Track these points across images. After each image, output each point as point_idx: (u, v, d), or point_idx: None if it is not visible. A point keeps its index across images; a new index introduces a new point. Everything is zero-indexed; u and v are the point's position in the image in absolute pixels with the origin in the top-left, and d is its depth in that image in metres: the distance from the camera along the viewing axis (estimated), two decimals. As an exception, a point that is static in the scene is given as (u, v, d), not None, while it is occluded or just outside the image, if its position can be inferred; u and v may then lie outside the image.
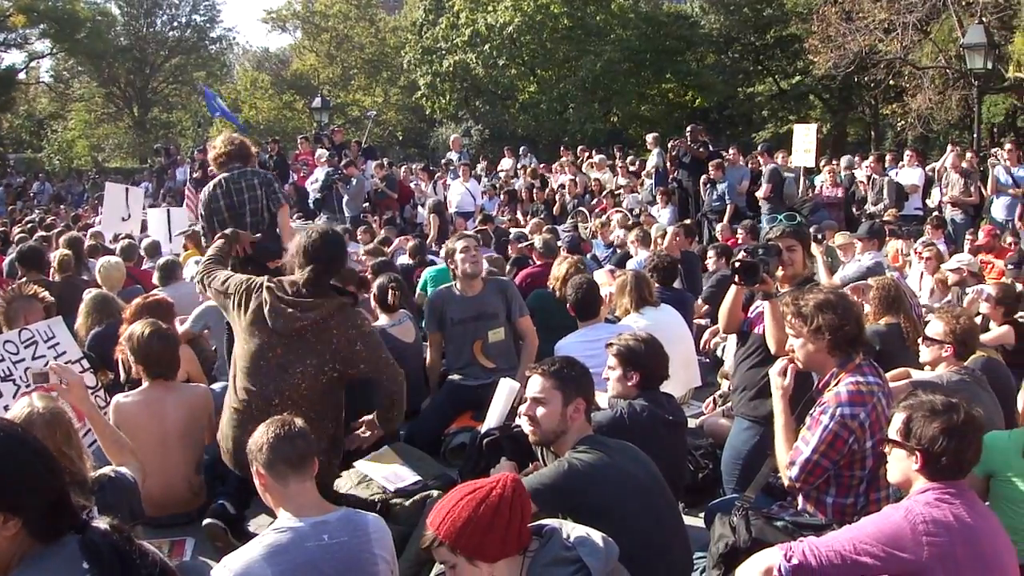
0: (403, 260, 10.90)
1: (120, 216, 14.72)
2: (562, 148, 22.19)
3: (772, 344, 4.76)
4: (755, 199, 14.63)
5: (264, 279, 4.76)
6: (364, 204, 17.40)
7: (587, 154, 20.47)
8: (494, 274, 7.86)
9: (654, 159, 17.29)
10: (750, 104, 34.05)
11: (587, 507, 3.45)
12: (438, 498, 3.18)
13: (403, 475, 4.96)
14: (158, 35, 48.99)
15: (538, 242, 9.88)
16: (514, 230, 13.50)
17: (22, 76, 46.40)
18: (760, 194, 14.36)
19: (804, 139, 15.58)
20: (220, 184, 6.81)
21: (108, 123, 49.36)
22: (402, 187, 18.49)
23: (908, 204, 14.03)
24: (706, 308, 8.89)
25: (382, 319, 7.04)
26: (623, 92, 32.64)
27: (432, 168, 20.98)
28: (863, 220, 12.27)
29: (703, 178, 15.25)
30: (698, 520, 4.81)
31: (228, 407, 4.79)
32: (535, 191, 18.19)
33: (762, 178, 14.49)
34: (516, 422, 4.45)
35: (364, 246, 11.50)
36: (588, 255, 11.58)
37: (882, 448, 3.39)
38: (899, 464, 3.19)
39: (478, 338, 6.67)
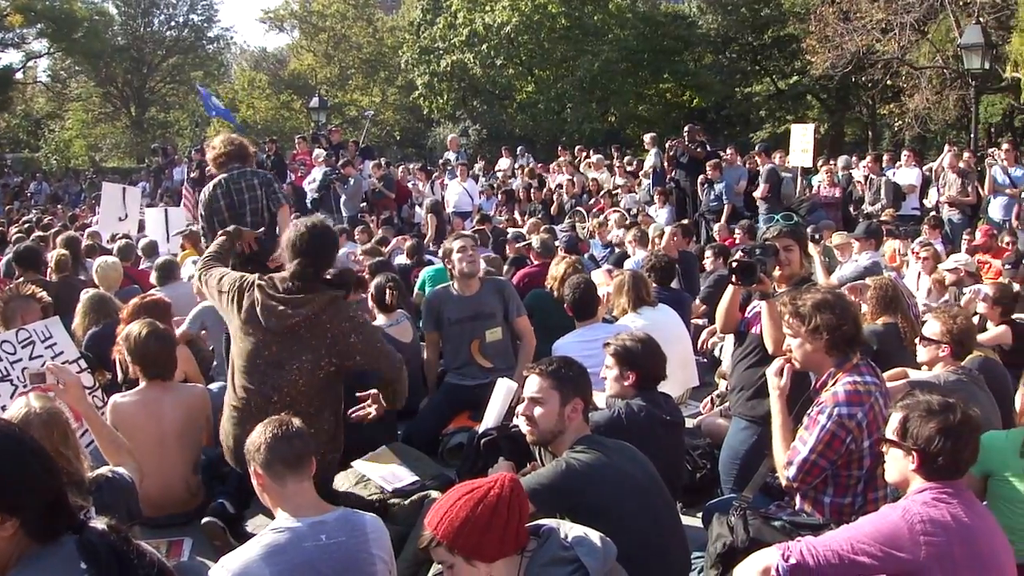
0: (400, 260, 10.89)
1: (117, 216, 14.74)
2: (560, 148, 22.19)
3: (769, 344, 4.75)
4: (753, 199, 14.65)
5: (255, 277, 4.75)
6: (361, 204, 17.40)
7: (585, 154, 20.46)
8: (491, 274, 7.86)
9: (652, 159, 17.28)
10: (748, 104, 34.04)
11: (585, 507, 3.45)
12: (436, 498, 3.18)
13: (401, 475, 4.96)
14: (155, 35, 48.95)
15: (536, 242, 9.87)
16: (512, 230, 13.50)
17: (19, 76, 46.40)
18: (758, 194, 14.38)
19: (801, 139, 15.57)
20: (220, 184, 6.80)
21: (105, 123, 49.26)
22: (399, 187, 18.46)
23: (905, 204, 14.02)
24: (704, 308, 8.89)
25: (380, 319, 7.05)
26: (621, 92, 32.62)
27: (430, 168, 20.98)
28: (860, 220, 12.27)
29: (700, 178, 15.27)
30: (696, 520, 4.81)
31: (228, 405, 4.80)
32: (533, 191, 18.18)
33: (760, 178, 14.51)
34: (514, 422, 4.45)
35: (361, 246, 11.50)
36: (586, 255, 11.58)
37: (879, 448, 3.39)
38: (896, 464, 3.20)
39: (475, 338, 6.67)
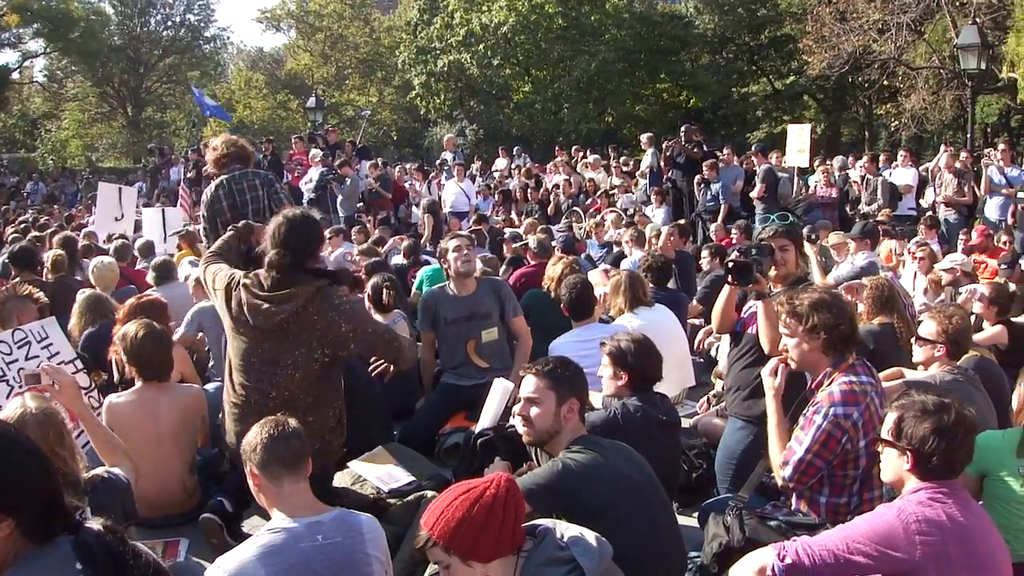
0: (397, 260, 10.89)
1: (113, 216, 14.70)
2: (557, 148, 22.16)
3: (765, 344, 4.75)
4: (749, 199, 14.66)
5: (241, 275, 4.73)
6: (358, 204, 17.39)
7: (581, 154, 20.44)
8: (488, 274, 7.86)
9: (648, 159, 17.28)
10: (744, 104, 34.09)
11: (581, 507, 3.45)
12: (432, 498, 3.18)
13: (397, 475, 4.96)
14: (152, 34, 48.82)
15: (532, 242, 9.88)
16: (509, 230, 13.49)
17: (15, 75, 46.28)
18: (754, 194, 14.40)
19: (798, 139, 15.59)
20: (222, 185, 6.79)
21: (102, 123, 49.12)
22: (396, 187, 18.44)
23: (902, 204, 14.03)
24: (700, 308, 8.88)
25: (377, 319, 7.04)
26: (617, 92, 32.64)
27: (426, 168, 20.98)
28: (857, 220, 12.28)
29: (697, 178, 15.27)
30: (692, 520, 4.82)
31: (227, 403, 4.81)
32: (529, 191, 18.18)
33: (756, 178, 14.52)
34: (510, 422, 4.45)
35: (358, 246, 11.50)
36: (583, 255, 11.58)
37: (875, 448, 3.39)
38: (891, 464, 3.20)
39: (471, 338, 6.66)
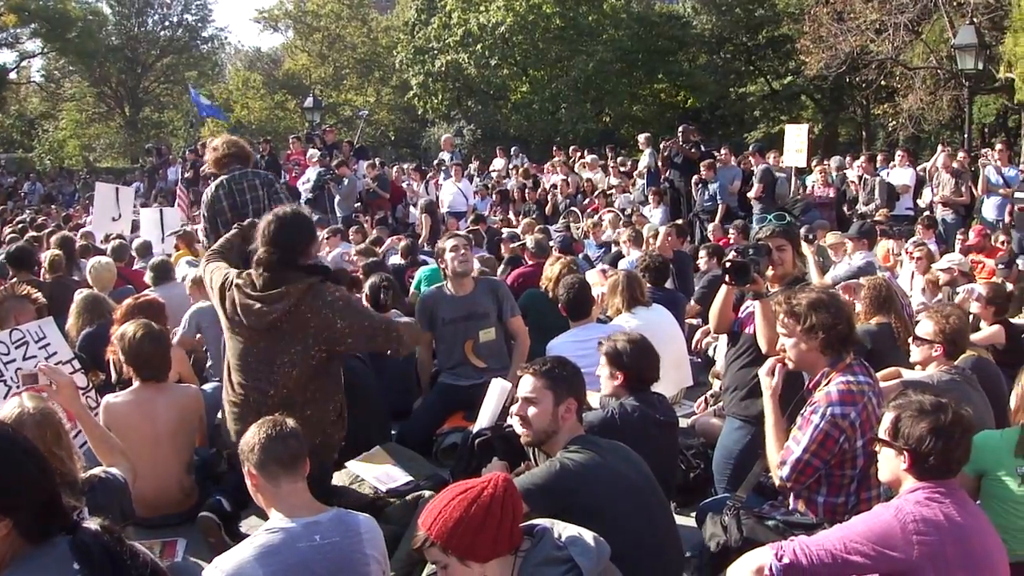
0: (395, 260, 10.88)
1: (110, 216, 14.67)
2: (554, 148, 22.17)
3: (763, 344, 4.75)
4: (747, 199, 14.64)
5: (235, 275, 4.73)
6: (356, 204, 17.36)
7: (579, 154, 20.45)
8: (485, 274, 7.86)
9: (646, 159, 17.27)
10: (742, 104, 34.13)
11: (579, 507, 3.44)
12: (430, 498, 3.18)
13: (395, 475, 4.95)
14: (149, 34, 48.75)
15: (530, 242, 9.87)
16: (506, 230, 13.48)
17: (13, 76, 46.28)
18: (752, 194, 14.38)
19: (796, 139, 15.59)
20: (223, 185, 6.81)
21: (99, 123, 49.08)
22: (394, 187, 18.43)
23: (899, 204, 14.03)
24: (698, 308, 8.88)
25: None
26: (615, 92, 32.67)
27: (424, 168, 20.96)
28: (854, 220, 12.28)
29: (695, 178, 15.25)
30: (690, 520, 4.81)
31: (227, 402, 4.81)
32: (527, 191, 18.17)
33: (754, 178, 14.51)
34: (508, 422, 4.45)
35: (356, 246, 11.48)
36: (580, 255, 11.58)
37: (872, 447, 3.40)
38: (888, 463, 3.20)
39: (469, 338, 6.65)
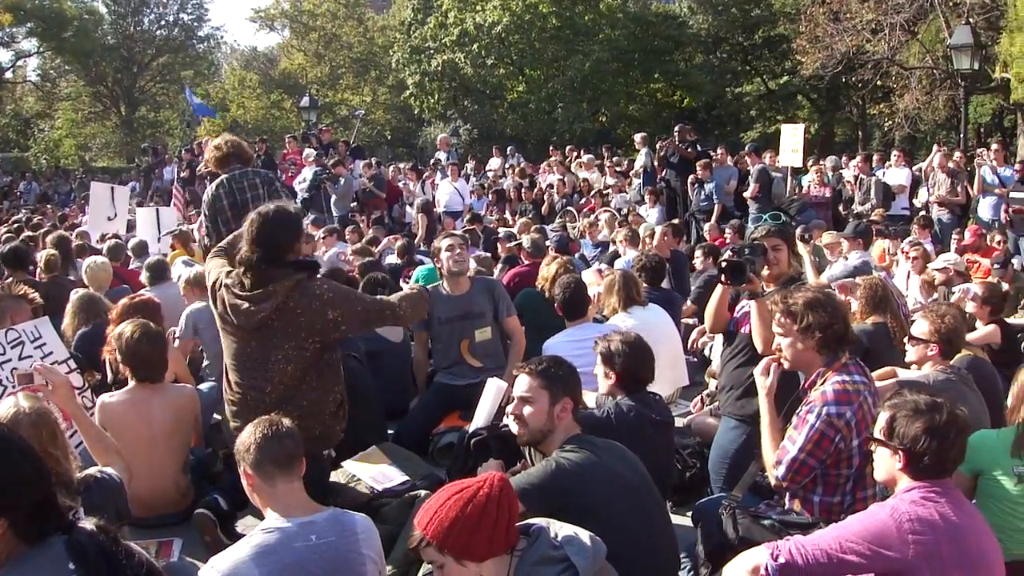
0: (391, 260, 10.87)
1: (106, 215, 14.66)
2: (550, 148, 22.19)
3: (759, 343, 4.76)
4: (743, 199, 14.65)
5: (224, 274, 4.73)
6: (352, 204, 17.35)
7: (575, 154, 20.48)
8: (482, 273, 7.86)
9: (642, 159, 17.29)
10: (738, 104, 34.14)
11: (575, 506, 3.43)
12: (426, 498, 3.18)
13: (391, 475, 4.95)
14: (145, 34, 48.66)
15: (526, 242, 9.87)
16: (503, 230, 13.48)
17: (9, 75, 46.29)
18: (748, 194, 14.38)
19: (792, 139, 15.62)
20: (222, 184, 6.82)
21: (95, 122, 48.97)
22: (390, 186, 18.43)
23: (895, 204, 14.06)
24: (694, 308, 8.88)
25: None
26: (611, 92, 32.70)
27: (420, 167, 20.93)
28: (850, 220, 12.30)
29: (691, 178, 15.26)
30: (686, 519, 4.81)
31: (226, 401, 4.82)
32: (523, 191, 18.17)
33: (750, 178, 14.51)
34: (504, 422, 4.45)
35: (352, 246, 11.48)
36: (576, 255, 11.58)
37: (868, 447, 3.40)
38: (884, 463, 3.20)
39: (465, 337, 6.64)
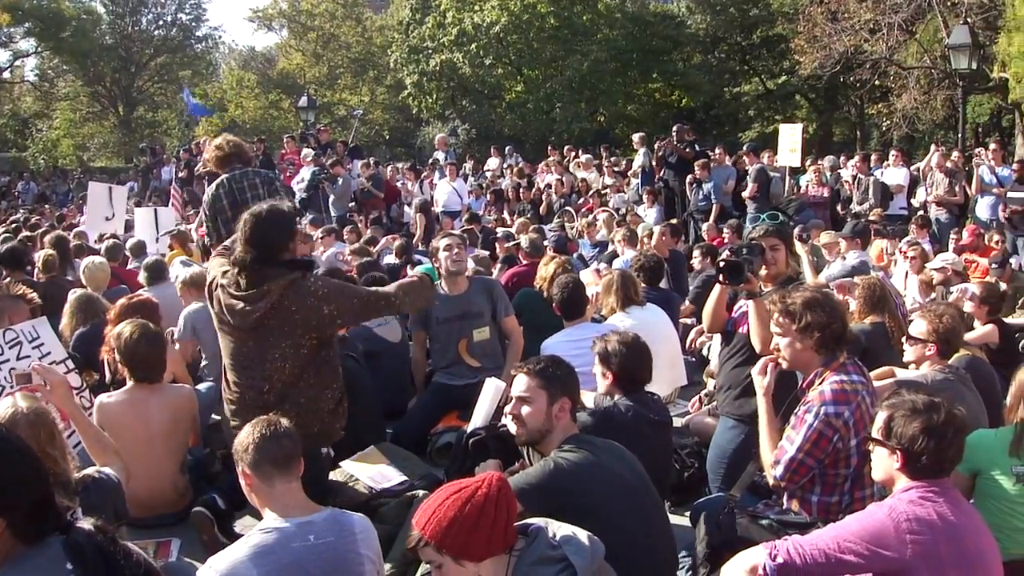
0: (389, 260, 10.87)
1: (104, 215, 14.67)
2: (549, 148, 22.18)
3: (757, 343, 4.76)
4: (741, 199, 14.67)
5: (220, 274, 4.73)
6: (350, 204, 17.36)
7: (573, 154, 20.46)
8: (481, 273, 7.86)
9: (640, 159, 17.30)
10: (736, 104, 34.10)
11: (573, 506, 3.44)
12: (424, 498, 3.18)
13: (389, 475, 4.95)
14: (143, 34, 48.58)
15: (524, 242, 9.88)
16: (501, 230, 13.49)
17: (7, 75, 46.26)
18: (746, 194, 14.39)
19: (790, 139, 15.61)
20: (222, 184, 6.85)
21: (93, 122, 48.85)
22: (388, 186, 18.43)
23: (893, 204, 14.05)
24: (692, 308, 8.88)
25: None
26: (610, 92, 32.67)
27: (419, 167, 20.93)
28: (848, 219, 12.30)
29: (689, 178, 15.28)
30: (684, 519, 4.81)
31: (225, 400, 4.83)
32: (522, 191, 18.17)
33: (748, 178, 14.52)
34: (502, 422, 4.45)
35: (350, 246, 11.48)
36: (574, 255, 11.59)
37: (866, 447, 3.40)
38: (881, 463, 3.21)
39: (463, 337, 6.65)
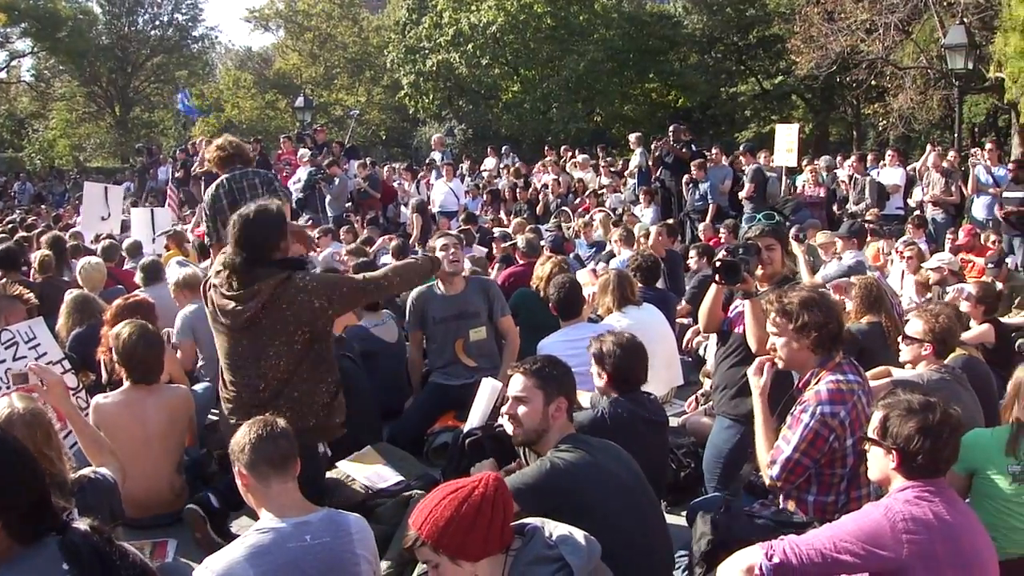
0: (386, 260, 10.87)
1: (99, 216, 14.64)
2: (545, 148, 22.18)
3: (753, 343, 4.77)
4: (738, 199, 14.69)
5: (212, 274, 4.74)
6: (347, 204, 17.37)
7: (570, 154, 20.43)
8: (477, 273, 7.87)
9: (637, 159, 17.29)
10: (733, 104, 34.11)
11: (570, 506, 3.44)
12: (420, 498, 3.18)
13: (385, 475, 4.95)
14: (140, 34, 48.53)
15: (521, 242, 9.88)
16: (497, 230, 13.50)
17: (3, 75, 46.17)
18: (743, 194, 14.42)
19: (786, 139, 15.62)
20: (222, 184, 6.87)
21: (89, 122, 48.79)
22: (385, 187, 18.42)
23: (889, 203, 14.06)
24: (689, 308, 8.89)
25: (365, 319, 7.05)
26: (606, 92, 32.64)
27: (415, 167, 20.93)
28: (845, 219, 12.32)
29: (685, 178, 15.30)
30: (680, 518, 4.81)
31: (222, 399, 4.83)
32: (518, 191, 18.18)
33: (745, 178, 14.54)
34: (498, 422, 4.45)
35: (346, 246, 11.48)
36: (571, 255, 11.60)
37: (862, 446, 3.40)
38: (877, 462, 3.21)
39: (459, 337, 6.66)
